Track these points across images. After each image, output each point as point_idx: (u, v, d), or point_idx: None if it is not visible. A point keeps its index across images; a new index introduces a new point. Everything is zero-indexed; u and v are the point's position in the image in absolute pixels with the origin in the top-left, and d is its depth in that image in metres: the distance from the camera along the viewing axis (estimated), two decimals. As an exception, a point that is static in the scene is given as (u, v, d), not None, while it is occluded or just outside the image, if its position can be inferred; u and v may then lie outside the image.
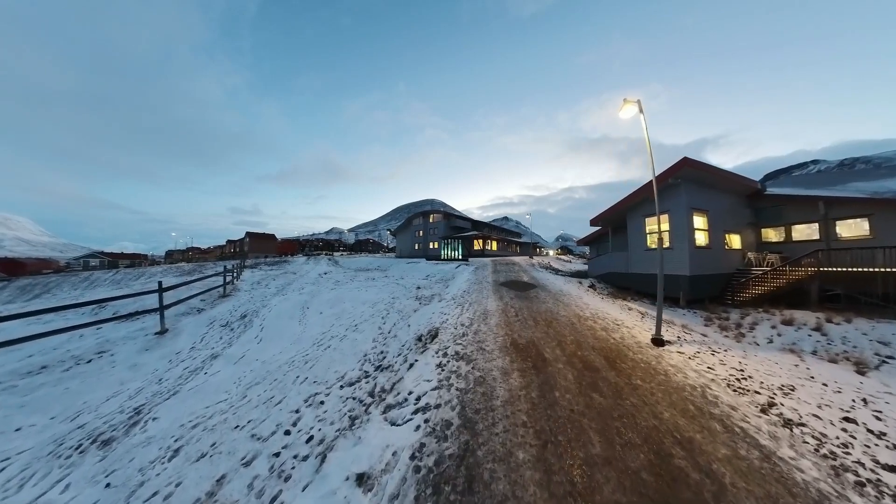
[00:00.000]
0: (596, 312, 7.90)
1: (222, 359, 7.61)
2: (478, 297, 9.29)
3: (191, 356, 8.01)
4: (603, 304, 9.35)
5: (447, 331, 5.92)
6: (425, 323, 6.47)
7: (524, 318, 7.05)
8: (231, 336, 9.20)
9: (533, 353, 4.83)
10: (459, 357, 4.72)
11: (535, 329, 6.19)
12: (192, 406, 5.44)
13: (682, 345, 5.71)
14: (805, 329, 7.35)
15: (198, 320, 10.70)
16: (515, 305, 8.44)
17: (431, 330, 5.69)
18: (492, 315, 7.26)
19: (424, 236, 42.70)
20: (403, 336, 6.08)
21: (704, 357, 5.04)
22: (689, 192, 10.17)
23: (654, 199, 5.64)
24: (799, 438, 2.73)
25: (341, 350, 6.46)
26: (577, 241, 20.31)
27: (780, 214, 13.13)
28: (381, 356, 5.52)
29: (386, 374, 4.64)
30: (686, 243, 9.94)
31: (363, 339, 6.74)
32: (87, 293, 28.80)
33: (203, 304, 13.06)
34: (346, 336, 7.28)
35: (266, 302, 12.68)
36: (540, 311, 7.74)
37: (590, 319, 7.16)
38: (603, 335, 5.93)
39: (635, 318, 7.93)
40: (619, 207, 12.27)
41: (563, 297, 9.68)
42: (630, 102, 5.21)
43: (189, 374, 6.92)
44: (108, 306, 12.49)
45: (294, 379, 5.79)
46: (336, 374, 5.52)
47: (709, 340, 6.17)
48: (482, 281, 12.13)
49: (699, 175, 10.09)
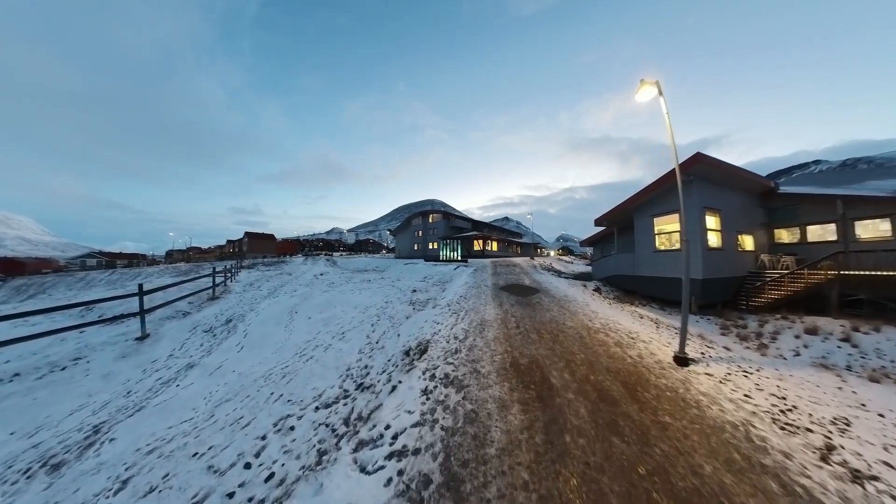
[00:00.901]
0: (606, 323, 7.20)
1: (198, 369, 7.07)
2: (475, 304, 8.62)
3: (166, 365, 7.49)
4: (612, 311, 8.66)
5: (438, 345, 5.28)
6: (416, 333, 5.88)
7: (526, 331, 6.30)
8: (212, 343, 8.66)
9: (537, 378, 4.12)
10: (449, 381, 4.04)
11: (539, 344, 5.46)
12: (154, 426, 4.90)
13: (708, 363, 5.01)
14: (832, 339, 6.73)
15: (181, 325, 10.16)
16: (516, 314, 7.65)
17: (421, 343, 5.10)
18: (490, 326, 6.59)
19: (424, 236, 42.13)
20: (391, 347, 5.49)
21: (737, 380, 4.35)
22: (700, 190, 9.56)
23: (679, 191, 4.91)
24: (876, 501, 2.12)
25: (323, 362, 5.90)
26: (581, 241, 19.71)
27: (795, 214, 12.50)
28: (364, 371, 4.95)
29: (366, 395, 4.07)
30: (698, 245, 9.31)
31: (348, 350, 6.17)
32: (83, 294, 28.39)
33: (191, 306, 12.54)
34: (330, 346, 6.71)
35: (255, 305, 12.14)
36: (544, 322, 7.01)
37: (601, 331, 6.45)
38: (617, 352, 5.20)
39: (649, 328, 7.25)
40: (625, 207, 11.66)
41: (569, 304, 8.99)
42: (648, 84, 4.54)
43: (160, 387, 6.40)
44: (95, 308, 12.02)
45: (268, 396, 5.23)
46: (314, 391, 4.95)
47: (735, 356, 5.47)
48: (481, 285, 11.45)
49: (712, 172, 9.48)
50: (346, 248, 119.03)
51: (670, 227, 10.43)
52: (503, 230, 53.96)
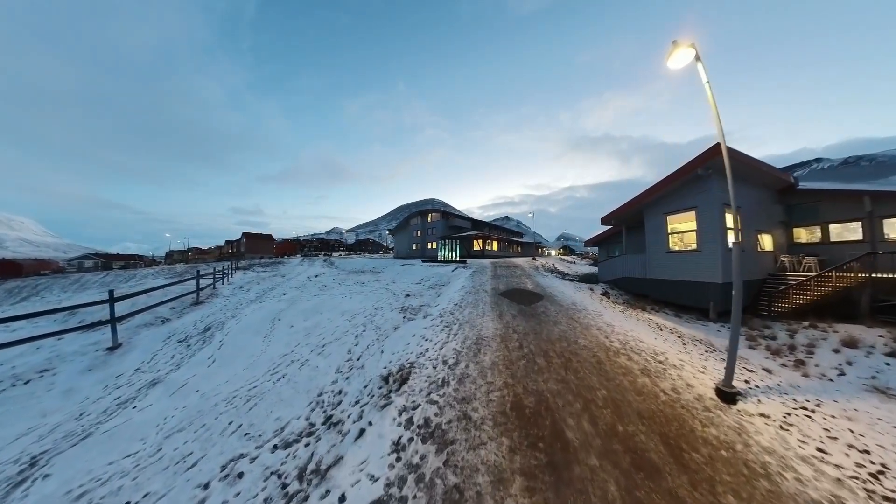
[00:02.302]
0: (625, 339, 6.21)
1: (161, 387, 6.34)
2: (471, 314, 7.64)
3: (130, 381, 6.77)
4: (628, 323, 7.68)
5: (423, 371, 4.38)
6: (400, 351, 5.09)
7: (531, 353, 5.22)
8: (185, 355, 7.92)
9: (547, 429, 3.14)
10: (429, 432, 3.09)
11: (548, 373, 4.41)
12: (95, 460, 4.20)
13: (757, 396, 4.07)
14: (876, 354, 5.91)
15: (157, 333, 9.44)
16: (519, 328, 6.54)
17: (403, 367, 4.30)
18: (487, 346, 5.53)
19: (423, 236, 41.34)
20: (371, 368, 4.72)
21: (800, 423, 3.44)
22: (720, 185, 8.73)
23: (728, 179, 3.91)
24: None
25: (295, 383, 5.13)
26: (585, 241, 18.86)
27: (817, 212, 11.65)
28: (336, 399, 4.18)
29: (332, 434, 3.31)
30: (717, 245, 8.49)
31: (325, 368, 5.40)
32: (77, 296, 27.81)
33: (172, 312, 11.82)
34: (307, 361, 5.94)
35: (238, 311, 11.40)
36: (552, 339, 5.92)
37: (621, 353, 5.40)
38: (646, 385, 4.18)
39: (675, 345, 6.33)
40: (634, 204, 10.82)
41: (579, 314, 7.97)
42: (682, 46, 3.63)
43: (116, 408, 5.68)
44: (78, 313, 11.37)
45: (225, 427, 4.47)
46: (276, 423, 4.19)
47: (781, 383, 4.49)
48: (479, 290, 10.50)
49: (732, 165, 8.61)
50: (345, 248, 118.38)
51: (685, 225, 9.60)
52: (503, 230, 53.08)
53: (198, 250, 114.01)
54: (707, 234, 8.73)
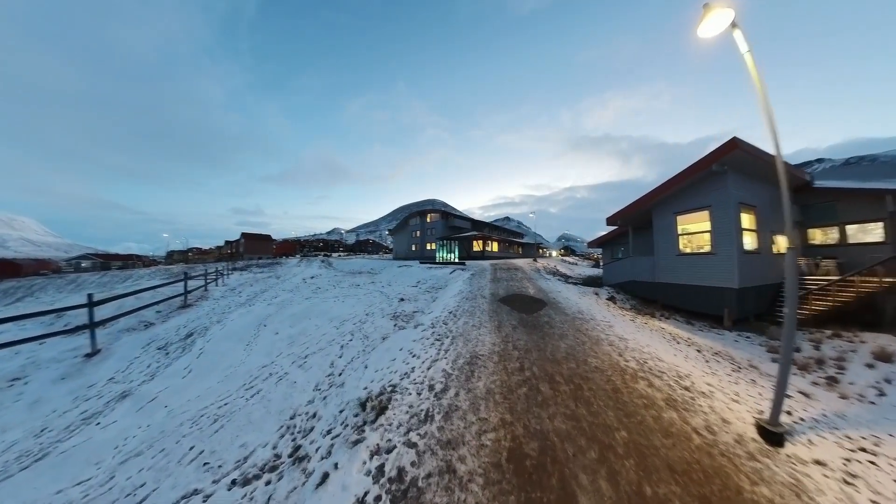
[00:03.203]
0: (643, 358, 5.36)
1: (130, 400, 5.81)
2: (467, 325, 6.84)
3: (100, 393, 6.24)
4: (641, 335, 6.94)
5: (405, 398, 3.73)
6: (384, 369, 4.52)
7: (534, 377, 4.44)
8: (161, 364, 7.39)
9: (553, 493, 2.39)
10: (402, 492, 2.39)
11: (555, 405, 3.66)
12: (43, 488, 3.74)
13: (805, 432, 3.35)
14: (917, 368, 5.33)
15: (138, 339, 8.91)
16: (520, 344, 5.73)
17: (384, 391, 3.71)
18: (482, 367, 4.74)
19: (422, 237, 40.80)
20: (351, 387, 4.17)
21: (866, 473, 2.73)
22: (736, 183, 8.16)
23: (783, 190, 3.01)
24: None
25: (268, 401, 4.59)
26: (589, 242, 18.27)
27: (833, 212, 11.05)
28: (309, 424, 3.64)
29: (294, 473, 2.77)
30: (734, 247, 7.90)
31: (303, 384, 4.86)
32: (71, 297, 27.43)
33: (158, 316, 11.31)
34: (286, 375, 5.40)
35: (225, 316, 10.87)
36: (558, 358, 5.13)
37: (640, 376, 4.56)
38: (674, 421, 3.37)
39: (697, 362, 5.57)
40: (642, 203, 10.24)
41: (587, 326, 7.15)
42: (717, 8, 2.90)
43: (79, 425, 5.16)
44: (64, 316, 10.91)
45: (186, 453, 3.94)
46: (241, 450, 3.65)
47: (827, 412, 3.94)
48: (477, 295, 9.80)
49: (748, 162, 8.06)
50: (345, 248, 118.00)
51: (697, 226, 9.01)
52: (504, 230, 52.50)
53: (198, 250, 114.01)
54: (722, 236, 8.15)
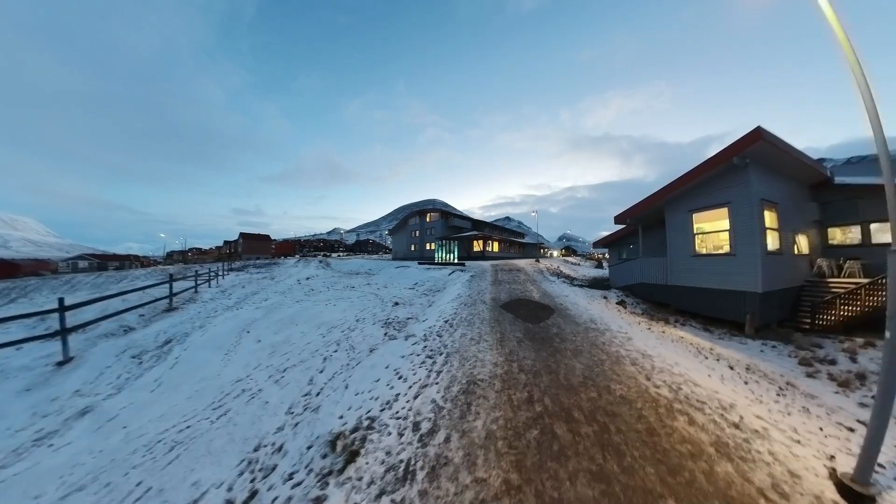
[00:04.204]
0: (674, 380, 4.37)
1: (90, 418, 5.18)
2: (464, 339, 5.98)
3: (61, 408, 5.61)
4: (665, 348, 6.01)
5: (382, 441, 2.98)
6: (364, 393, 3.87)
7: (547, 412, 3.48)
8: (132, 375, 6.77)
9: None
10: None
11: (575, 457, 2.76)
12: None
13: (890, 484, 2.57)
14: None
15: (114, 346, 8.30)
16: (527, 364, 4.81)
17: (359, 427, 3.00)
18: (481, 397, 3.84)
19: (421, 237, 40.15)
20: (325, 413, 3.53)
21: None
22: (758, 177, 7.48)
23: None
24: None
25: (234, 425, 3.96)
26: (594, 242, 17.59)
27: (856, 209, 10.36)
28: (272, 461, 3.01)
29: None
30: (756, 248, 7.22)
31: (275, 406, 4.23)
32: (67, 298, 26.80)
33: (141, 320, 10.71)
34: (259, 393, 4.77)
35: (210, 320, 10.25)
36: (574, 385, 4.16)
37: (676, 408, 3.60)
38: (731, 479, 2.55)
39: (737, 386, 4.56)
40: (654, 201, 9.55)
41: (602, 338, 6.20)
42: None
43: (29, 446, 4.55)
44: (48, 319, 10.35)
45: (131, 490, 3.32)
46: (192, 490, 3.03)
47: None
48: (477, 300, 8.96)
49: (770, 155, 7.39)
50: (345, 248, 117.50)
51: (715, 224, 8.32)
52: (504, 230, 51.79)
53: (198, 250, 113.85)
54: (743, 235, 7.47)
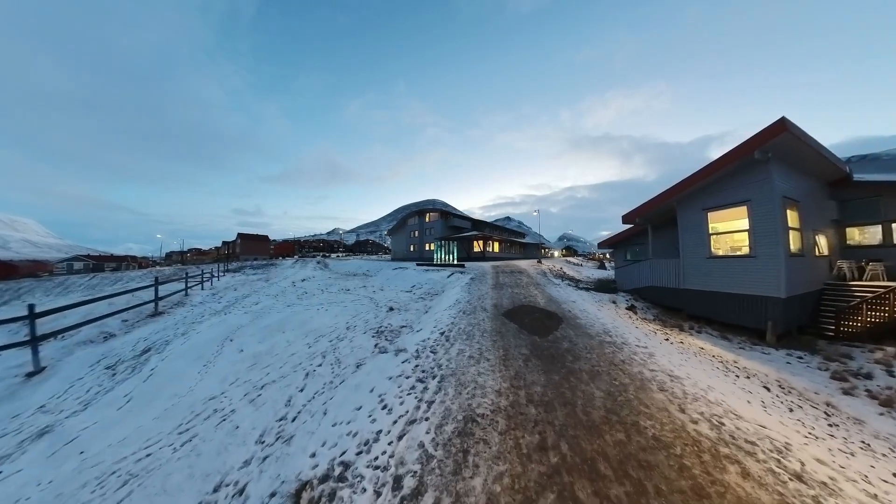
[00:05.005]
0: (714, 415, 3.46)
1: (49, 439, 4.66)
2: (462, 357, 5.02)
3: (21, 427, 5.11)
4: (690, 365, 5.14)
5: (355, 502, 2.30)
6: (343, 423, 3.30)
7: (565, 464, 2.65)
8: (103, 388, 6.23)
9: None
10: None
11: None
12: None
13: None
14: None
15: (90, 355, 7.77)
16: (537, 391, 3.88)
17: (329, 473, 2.30)
18: (482, 440, 2.98)
19: (420, 237, 39.60)
20: (297, 448, 2.98)
21: None
22: (781, 173, 6.92)
23: None
24: None
25: (198, 455, 3.42)
26: (599, 243, 17.04)
27: (877, 208, 9.81)
28: None
29: None
30: (779, 249, 6.66)
31: (246, 431, 3.68)
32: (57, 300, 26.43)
33: (124, 325, 10.17)
34: (231, 415, 4.22)
35: (194, 326, 9.70)
36: (595, 420, 3.27)
37: (724, 455, 2.78)
38: None
39: (783, 415, 3.88)
40: (665, 199, 8.97)
41: (620, 354, 5.24)
42: None
43: None
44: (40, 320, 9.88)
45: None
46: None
47: None
48: (477, 307, 8.17)
49: (793, 149, 6.83)
50: (345, 248, 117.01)
51: (732, 224, 7.75)
52: (505, 230, 51.23)
53: (197, 251, 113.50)
54: (764, 235, 6.91)
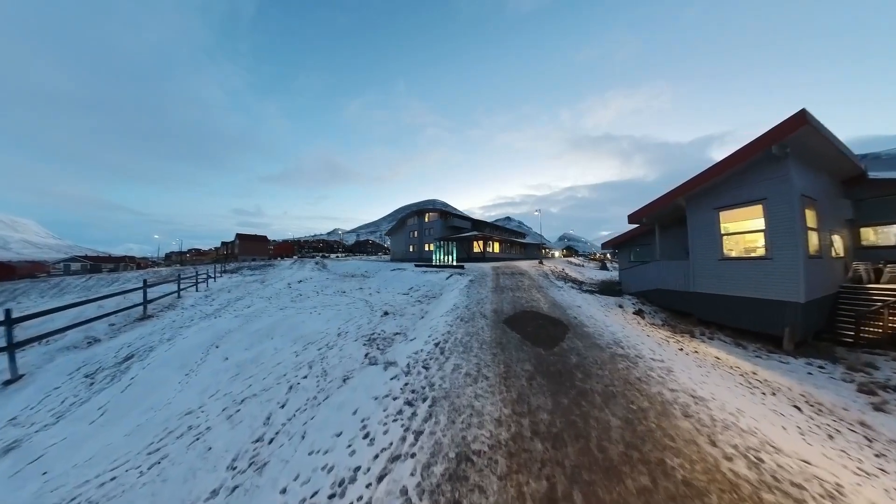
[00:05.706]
0: (750, 448, 2.91)
1: (14, 456, 4.32)
2: (457, 373, 4.33)
3: None
4: (714, 384, 4.50)
5: None
6: (319, 453, 2.84)
7: None
8: (79, 398, 5.86)
9: None
10: None
11: None
12: None
13: None
14: None
15: (71, 362, 7.40)
16: (543, 419, 3.23)
17: None
18: (478, 488, 2.38)
19: (419, 237, 39.20)
20: (267, 480, 2.60)
21: None
22: (799, 170, 6.52)
23: None
24: None
25: (163, 481, 3.04)
26: (603, 244, 16.64)
27: (894, 208, 9.43)
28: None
29: None
30: (798, 251, 6.24)
31: (219, 454, 3.30)
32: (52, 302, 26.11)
33: (110, 329, 9.80)
34: (205, 433, 3.83)
35: (181, 331, 9.32)
36: (612, 457, 2.69)
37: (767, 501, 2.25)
38: None
39: (824, 444, 3.26)
40: (674, 197, 8.54)
41: (635, 370, 4.55)
42: None
43: None
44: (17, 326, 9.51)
45: None
46: None
47: None
48: (476, 313, 7.55)
49: (811, 144, 6.43)
50: (344, 249, 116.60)
51: (746, 224, 7.33)
52: (505, 230, 50.81)
53: (196, 251, 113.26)
54: (781, 236, 6.50)
